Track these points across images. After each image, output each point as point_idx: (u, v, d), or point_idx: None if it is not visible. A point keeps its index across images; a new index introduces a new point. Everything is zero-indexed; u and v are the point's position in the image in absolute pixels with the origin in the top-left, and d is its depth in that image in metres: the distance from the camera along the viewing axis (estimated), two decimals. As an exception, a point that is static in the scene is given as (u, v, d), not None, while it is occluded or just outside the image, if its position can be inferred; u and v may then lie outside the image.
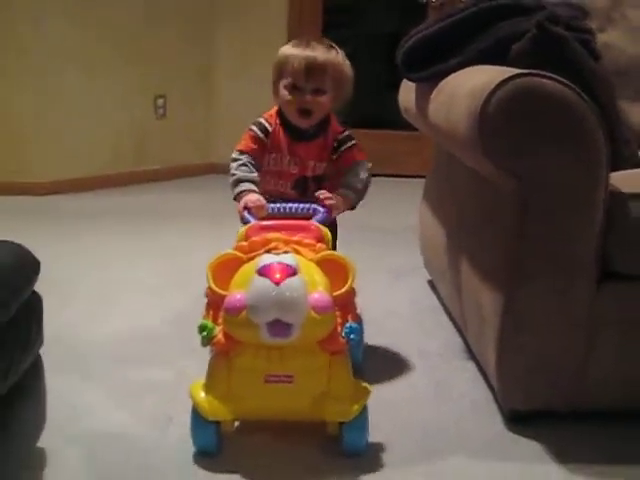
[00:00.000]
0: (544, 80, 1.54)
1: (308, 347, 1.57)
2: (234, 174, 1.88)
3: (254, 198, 1.82)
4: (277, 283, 1.49)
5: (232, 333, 1.57)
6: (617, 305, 1.66)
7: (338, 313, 1.60)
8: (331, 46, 1.92)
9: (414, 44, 2.09)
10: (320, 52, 1.87)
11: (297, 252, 1.61)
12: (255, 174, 1.89)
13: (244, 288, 1.55)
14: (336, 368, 1.60)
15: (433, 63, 2.04)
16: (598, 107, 1.66)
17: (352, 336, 1.57)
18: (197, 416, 1.62)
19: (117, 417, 1.75)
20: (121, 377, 1.97)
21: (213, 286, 1.61)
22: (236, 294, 1.55)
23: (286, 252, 1.59)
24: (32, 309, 1.51)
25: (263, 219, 1.79)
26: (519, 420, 1.75)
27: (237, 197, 1.86)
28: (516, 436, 1.71)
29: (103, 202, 4.15)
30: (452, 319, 2.34)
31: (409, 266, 2.84)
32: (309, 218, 1.80)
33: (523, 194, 1.60)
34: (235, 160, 1.90)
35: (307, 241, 1.66)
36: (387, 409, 1.78)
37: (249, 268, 1.59)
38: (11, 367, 1.33)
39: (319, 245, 1.68)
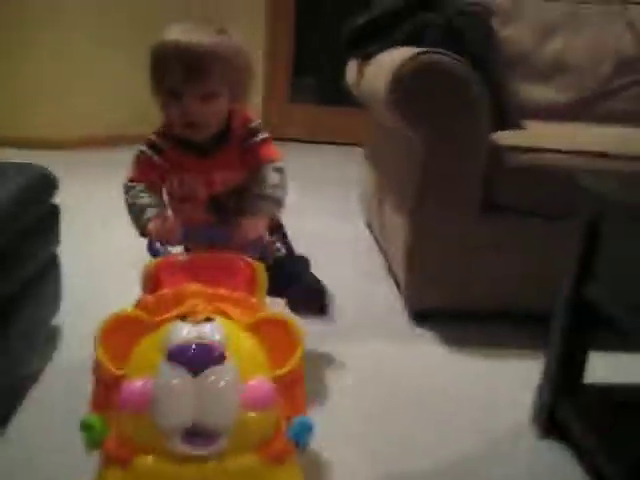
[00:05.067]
0: (440, 57, 1.73)
1: (241, 456, 0.94)
2: (133, 204, 1.25)
3: (164, 221, 1.22)
4: (195, 374, 0.90)
5: (131, 436, 0.94)
6: (492, 231, 1.85)
7: (283, 401, 1.00)
8: (221, 30, 1.25)
9: (355, 28, 2.23)
10: (201, 40, 1.19)
11: (224, 314, 1.01)
12: (159, 199, 1.29)
13: (147, 373, 0.93)
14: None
15: (368, 44, 2.18)
16: (491, 83, 1.93)
17: (303, 437, 0.99)
18: None
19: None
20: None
21: (104, 361, 0.97)
22: (136, 382, 0.93)
23: (208, 319, 0.97)
24: (52, 216, 1.67)
25: (186, 248, 1.29)
26: (419, 318, 1.96)
27: (144, 227, 1.22)
28: (417, 328, 1.93)
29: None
30: (380, 247, 2.49)
31: (350, 210, 3.00)
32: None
33: (427, 144, 1.79)
34: (129, 189, 1.27)
35: (237, 295, 1.06)
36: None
37: (155, 342, 0.96)
38: (28, 260, 1.49)
39: (254, 301, 1.08)
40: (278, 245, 1.52)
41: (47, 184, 1.63)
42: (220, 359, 0.93)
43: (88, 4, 4.09)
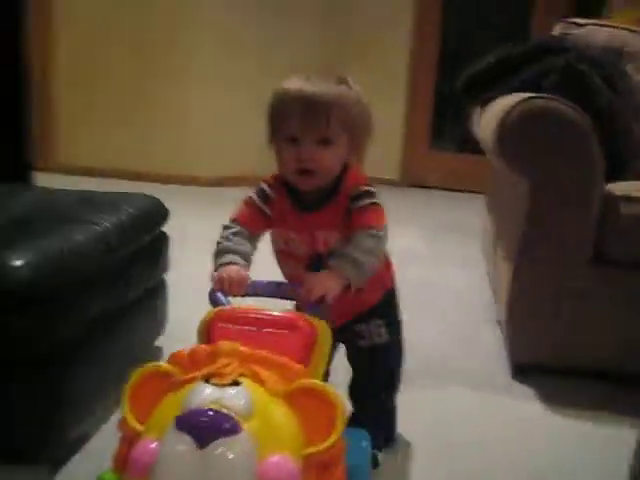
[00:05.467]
0: (549, 102, 1.67)
1: None
2: (219, 243, 1.22)
3: (233, 269, 1.16)
4: (200, 446, 0.80)
5: None
6: (604, 282, 1.74)
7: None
8: (342, 80, 1.23)
9: (473, 74, 2.17)
10: (322, 88, 1.19)
11: (257, 379, 0.90)
12: (247, 247, 1.22)
13: (158, 436, 0.85)
14: None
15: (486, 90, 2.11)
16: (612, 130, 1.83)
17: None
18: None
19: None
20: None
21: (127, 416, 0.92)
22: (148, 442, 0.85)
23: (235, 382, 0.88)
24: (162, 243, 1.76)
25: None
26: (519, 370, 1.84)
27: (215, 270, 1.18)
28: (515, 381, 1.82)
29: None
30: (494, 297, 2.31)
31: (474, 259, 2.83)
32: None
33: (533, 190, 1.71)
34: (225, 229, 1.25)
35: (278, 359, 0.95)
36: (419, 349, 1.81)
37: (174, 402, 0.88)
38: (137, 281, 1.60)
39: (297, 367, 0.95)
40: (379, 330, 1.36)
41: (159, 213, 1.74)
42: (232, 431, 0.81)
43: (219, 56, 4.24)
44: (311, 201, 1.24)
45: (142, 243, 1.62)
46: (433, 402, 1.72)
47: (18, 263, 1.22)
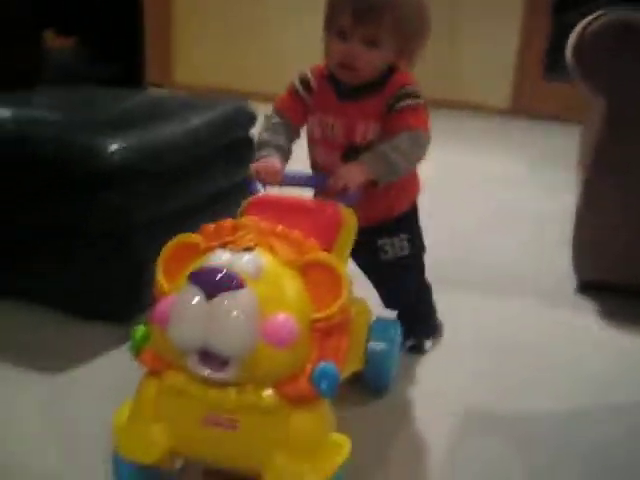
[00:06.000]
0: (629, 14, 1.64)
1: (260, 390, 0.95)
2: (260, 134, 1.28)
3: (268, 161, 1.21)
4: (208, 297, 0.89)
5: (158, 350, 0.98)
6: None
7: (315, 345, 0.97)
8: None
9: None
10: None
11: (270, 249, 0.99)
12: (286, 140, 1.27)
13: (177, 292, 0.95)
14: (296, 422, 0.96)
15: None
16: None
17: (323, 384, 0.95)
18: (117, 454, 1.02)
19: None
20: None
21: (159, 278, 1.02)
22: (168, 298, 0.96)
23: (248, 248, 0.97)
24: (247, 145, 1.77)
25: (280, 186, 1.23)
26: (584, 288, 1.87)
27: (254, 162, 1.24)
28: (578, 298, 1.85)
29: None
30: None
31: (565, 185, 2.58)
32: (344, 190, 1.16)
33: (606, 107, 1.70)
34: (266, 119, 1.30)
35: (294, 234, 1.03)
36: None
37: (196, 265, 0.98)
38: (215, 180, 1.73)
39: (310, 242, 1.02)
40: (404, 243, 1.38)
41: (246, 117, 1.85)
42: (237, 286, 0.90)
43: None
44: (354, 91, 1.25)
45: (228, 142, 1.76)
46: (494, 307, 1.79)
47: (113, 148, 1.44)
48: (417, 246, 1.41)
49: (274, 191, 1.23)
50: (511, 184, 2.91)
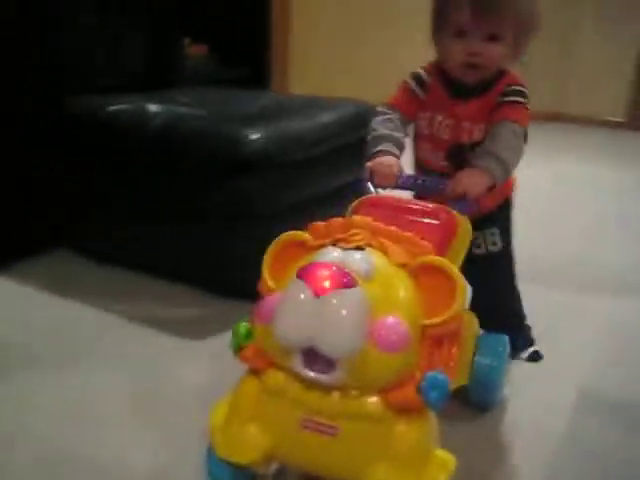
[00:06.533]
0: None
1: (364, 396, 0.91)
2: (374, 129, 1.25)
3: (384, 162, 1.18)
4: (318, 295, 0.84)
5: (263, 347, 0.95)
6: None
7: (425, 353, 0.93)
8: None
9: None
10: None
11: (382, 249, 0.95)
12: (401, 134, 1.25)
13: (284, 289, 0.90)
14: (401, 432, 0.91)
15: None
16: None
17: (432, 394, 0.88)
18: (213, 453, 0.99)
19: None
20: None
21: (265, 275, 0.99)
22: (274, 295, 0.93)
23: (359, 247, 0.93)
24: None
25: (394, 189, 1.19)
26: None
27: (370, 158, 1.21)
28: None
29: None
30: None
31: None
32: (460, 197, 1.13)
33: None
34: (380, 114, 1.27)
35: (407, 235, 0.98)
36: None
37: (305, 261, 0.92)
38: (347, 173, 1.82)
39: (424, 244, 0.98)
40: (494, 238, 1.35)
41: (368, 116, 1.97)
42: (348, 284, 0.85)
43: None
44: (465, 91, 1.23)
45: (351, 139, 1.83)
46: (606, 309, 1.80)
47: (254, 137, 1.60)
48: (508, 242, 1.37)
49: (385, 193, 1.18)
50: (620, 192, 3.03)
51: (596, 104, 4.89)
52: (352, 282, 0.85)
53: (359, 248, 0.92)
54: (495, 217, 1.34)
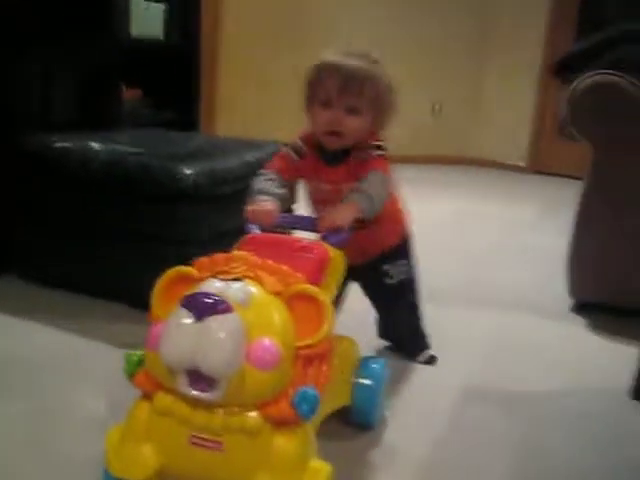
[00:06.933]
0: (614, 78, 1.90)
1: (245, 411, 1.00)
2: (252, 186, 1.37)
3: (263, 204, 1.31)
4: (198, 320, 0.94)
5: (152, 372, 1.03)
6: None
7: (297, 371, 1.03)
8: (376, 61, 1.38)
9: (568, 55, 2.46)
10: (359, 63, 1.35)
11: (258, 280, 1.05)
12: (281, 191, 1.37)
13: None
14: (278, 444, 1.00)
15: (579, 70, 2.50)
16: None
17: (303, 407, 0.99)
18: (108, 473, 1.05)
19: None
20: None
21: (153, 306, 1.08)
22: (160, 324, 1.01)
23: (237, 279, 1.03)
24: None
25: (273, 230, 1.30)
26: (580, 309, 2.14)
27: (250, 203, 1.33)
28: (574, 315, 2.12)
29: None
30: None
31: None
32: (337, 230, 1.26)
33: (595, 155, 2.00)
34: (259, 175, 1.40)
35: (282, 267, 1.09)
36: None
37: (189, 292, 1.02)
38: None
39: (296, 275, 1.09)
40: (403, 268, 1.60)
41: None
42: (225, 310, 0.95)
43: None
44: (333, 157, 1.40)
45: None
46: (497, 319, 2.12)
47: (188, 172, 1.84)
48: (414, 272, 1.62)
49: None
50: (526, 226, 3.44)
51: (499, 149, 5.33)
52: (229, 308, 0.96)
53: (237, 279, 1.03)
54: (401, 252, 1.59)
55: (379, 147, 1.38)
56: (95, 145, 1.99)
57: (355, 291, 1.65)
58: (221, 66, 4.67)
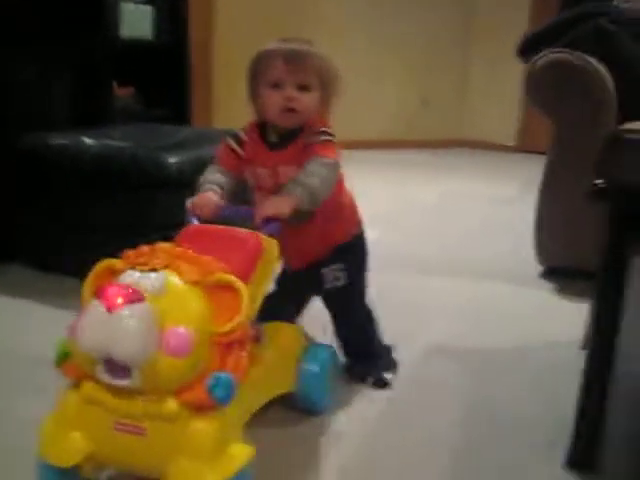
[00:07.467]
0: (567, 55, 2.06)
1: (163, 398, 1.03)
2: (201, 179, 1.40)
3: (203, 195, 1.34)
4: (110, 310, 0.97)
5: (76, 361, 1.06)
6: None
7: (215, 358, 1.06)
8: (311, 43, 1.42)
9: (531, 35, 2.45)
10: (298, 45, 1.38)
11: (177, 270, 1.07)
12: (225, 179, 1.39)
13: None
14: (196, 429, 1.03)
15: (540, 50, 2.31)
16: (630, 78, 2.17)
17: (217, 392, 1.02)
18: (40, 461, 1.09)
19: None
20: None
21: (84, 295, 1.11)
22: (81, 314, 1.03)
23: (154, 269, 1.05)
24: None
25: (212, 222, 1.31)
26: (547, 273, 2.32)
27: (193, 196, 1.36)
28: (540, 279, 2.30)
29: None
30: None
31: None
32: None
33: (556, 129, 2.15)
34: (207, 170, 1.43)
35: (204, 258, 1.11)
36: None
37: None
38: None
39: (218, 264, 1.11)
40: (338, 273, 1.48)
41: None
42: (136, 300, 0.98)
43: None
44: (278, 141, 1.40)
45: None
46: (469, 289, 2.29)
47: (172, 161, 2.02)
48: (357, 278, 1.51)
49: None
50: (506, 202, 3.66)
51: (488, 130, 5.45)
52: (139, 298, 0.99)
53: (154, 270, 1.06)
54: (342, 254, 1.47)
55: (326, 132, 1.37)
56: (88, 140, 2.15)
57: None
58: (214, 63, 4.81)
